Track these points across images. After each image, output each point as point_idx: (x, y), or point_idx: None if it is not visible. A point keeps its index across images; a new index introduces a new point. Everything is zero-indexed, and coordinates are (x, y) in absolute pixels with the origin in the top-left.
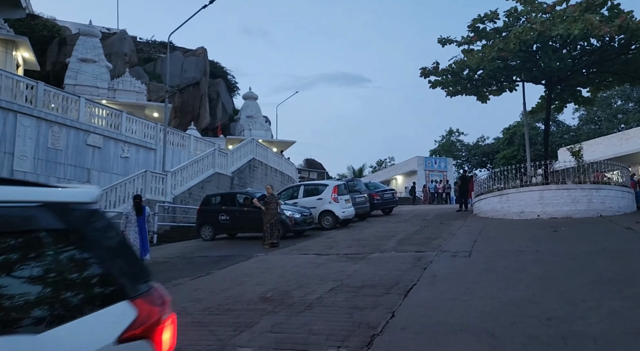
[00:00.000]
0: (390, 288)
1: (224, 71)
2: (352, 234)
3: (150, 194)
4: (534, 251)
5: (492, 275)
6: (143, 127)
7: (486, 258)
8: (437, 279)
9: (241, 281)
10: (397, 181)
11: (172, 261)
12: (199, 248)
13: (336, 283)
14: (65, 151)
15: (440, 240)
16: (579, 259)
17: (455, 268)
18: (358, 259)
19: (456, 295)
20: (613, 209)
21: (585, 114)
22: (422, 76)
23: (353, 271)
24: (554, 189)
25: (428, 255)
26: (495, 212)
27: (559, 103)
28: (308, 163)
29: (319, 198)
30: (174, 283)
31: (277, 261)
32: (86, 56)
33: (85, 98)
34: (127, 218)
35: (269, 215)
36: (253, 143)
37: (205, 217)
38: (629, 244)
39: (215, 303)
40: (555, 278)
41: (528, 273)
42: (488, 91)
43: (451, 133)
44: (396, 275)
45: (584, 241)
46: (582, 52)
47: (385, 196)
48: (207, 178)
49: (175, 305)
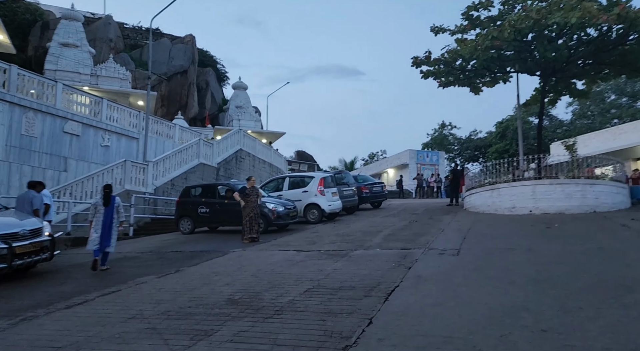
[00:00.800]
0: (370, 290)
1: (213, 59)
2: (337, 228)
3: (130, 185)
4: (526, 249)
5: (481, 277)
6: (125, 116)
7: (475, 256)
8: (421, 281)
9: (210, 280)
10: (388, 174)
11: (143, 256)
12: (175, 242)
13: (312, 284)
14: (41, 138)
15: (428, 236)
16: (575, 260)
17: (441, 267)
18: (340, 256)
19: (441, 300)
20: (607, 205)
21: (579, 108)
22: (413, 65)
23: (332, 270)
24: (546, 184)
25: (414, 253)
26: (486, 207)
27: (553, 96)
28: (299, 155)
29: (304, 190)
30: (138, 281)
31: (254, 258)
32: (68, 41)
33: (63, 84)
34: (96, 208)
35: (248, 208)
36: (240, 133)
37: (184, 209)
38: (625, 243)
39: (176, 305)
40: (550, 281)
41: (520, 274)
42: (481, 82)
43: (444, 126)
44: (378, 275)
45: (578, 239)
46: (579, 42)
47: (375, 189)
48: (191, 168)
49: (132, 308)
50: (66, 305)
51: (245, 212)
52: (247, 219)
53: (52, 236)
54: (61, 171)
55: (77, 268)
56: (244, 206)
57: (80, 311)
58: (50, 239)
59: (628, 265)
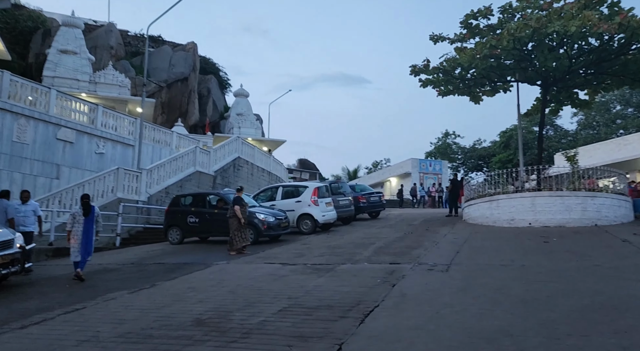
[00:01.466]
0: (349, 310)
1: (215, 67)
2: (329, 240)
3: (122, 193)
4: (520, 266)
5: (467, 296)
6: (121, 123)
7: (465, 273)
8: (404, 300)
9: (183, 297)
10: (391, 183)
11: (123, 268)
12: (162, 252)
13: (290, 302)
14: (33, 145)
15: (420, 250)
16: (568, 278)
17: (428, 285)
18: (325, 271)
19: (421, 322)
20: (609, 219)
21: (584, 118)
22: (412, 74)
23: (314, 287)
24: (546, 196)
25: (402, 268)
26: (485, 219)
27: (555, 105)
28: (301, 163)
29: (297, 200)
30: (108, 297)
31: (236, 272)
32: (67, 47)
33: (57, 90)
34: (75, 218)
35: (238, 219)
36: (238, 141)
37: (173, 219)
38: (624, 260)
39: (138, 326)
40: (539, 302)
41: (509, 294)
42: (481, 92)
43: (447, 135)
44: (360, 293)
45: (575, 255)
46: (580, 51)
47: (372, 199)
48: (186, 176)
49: (90, 329)
50: (21, 325)
51: (236, 223)
52: (235, 230)
53: (23, 248)
54: (53, 179)
55: (51, 282)
56: (233, 216)
57: (34, 332)
58: (21, 251)
59: (624, 285)
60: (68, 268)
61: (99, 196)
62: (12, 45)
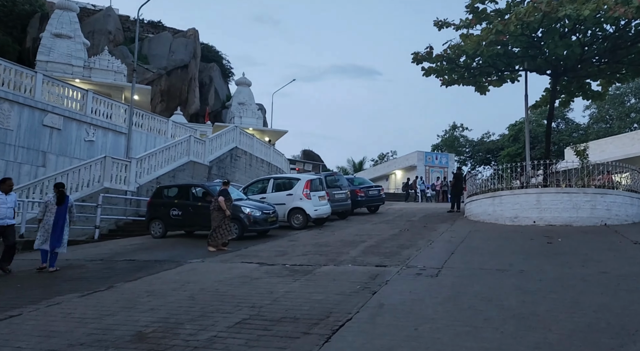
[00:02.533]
0: (315, 324)
1: (219, 55)
2: (319, 236)
3: (109, 183)
4: (518, 271)
5: (454, 308)
6: (114, 110)
7: (456, 279)
8: (381, 312)
9: (136, 303)
10: (396, 176)
11: (88, 265)
12: (139, 247)
13: (252, 312)
14: (17, 131)
15: (412, 250)
16: (571, 288)
17: (412, 293)
18: (303, 273)
19: (394, 342)
20: (620, 218)
21: (597, 112)
22: (413, 61)
23: (284, 293)
24: (552, 193)
25: (388, 272)
26: (487, 216)
27: (565, 97)
28: (305, 154)
29: (289, 193)
30: (53, 301)
31: (206, 272)
32: (61, 31)
33: (43, 74)
34: (47, 207)
35: (222, 213)
36: (236, 131)
37: (156, 211)
38: (634, 267)
39: (66, 341)
40: (534, 318)
41: (501, 306)
42: (487, 81)
43: (454, 128)
44: (334, 302)
45: (580, 259)
46: (593, 38)
47: (371, 192)
48: (179, 166)
49: (9, 345)
50: None
51: (220, 217)
52: (218, 224)
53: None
54: (39, 166)
55: (2, 279)
56: (217, 208)
57: None
58: None
59: (632, 300)
60: (33, 262)
61: (84, 186)
62: (10, 29)
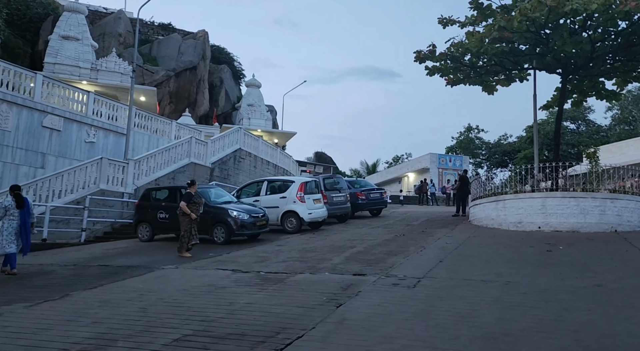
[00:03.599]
0: (261, 343)
1: (230, 57)
2: (310, 241)
3: (105, 184)
4: (504, 282)
5: (420, 326)
6: (117, 111)
7: (434, 291)
8: (339, 329)
9: (82, 315)
10: (408, 178)
11: (58, 270)
12: (123, 251)
13: (198, 327)
14: (15, 132)
15: (400, 256)
16: (557, 303)
17: (380, 307)
18: (274, 282)
19: None
20: (632, 224)
21: (619, 113)
22: (416, 60)
23: (244, 305)
24: (559, 197)
25: (364, 281)
26: (490, 221)
27: (578, 97)
28: (317, 156)
29: (282, 196)
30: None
31: (174, 280)
32: (68, 33)
33: (42, 75)
34: (7, 211)
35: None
36: (240, 132)
37: (143, 214)
38: (634, 279)
39: None
40: (506, 339)
41: (474, 324)
42: (495, 81)
43: (470, 130)
44: (292, 316)
45: (577, 269)
46: (604, 34)
47: (372, 195)
48: (179, 168)
49: None
50: None
51: (186, 221)
52: (187, 229)
53: None
54: (38, 168)
55: None
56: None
57: None
58: None
59: (622, 317)
60: None
61: (80, 187)
62: (23, 33)
